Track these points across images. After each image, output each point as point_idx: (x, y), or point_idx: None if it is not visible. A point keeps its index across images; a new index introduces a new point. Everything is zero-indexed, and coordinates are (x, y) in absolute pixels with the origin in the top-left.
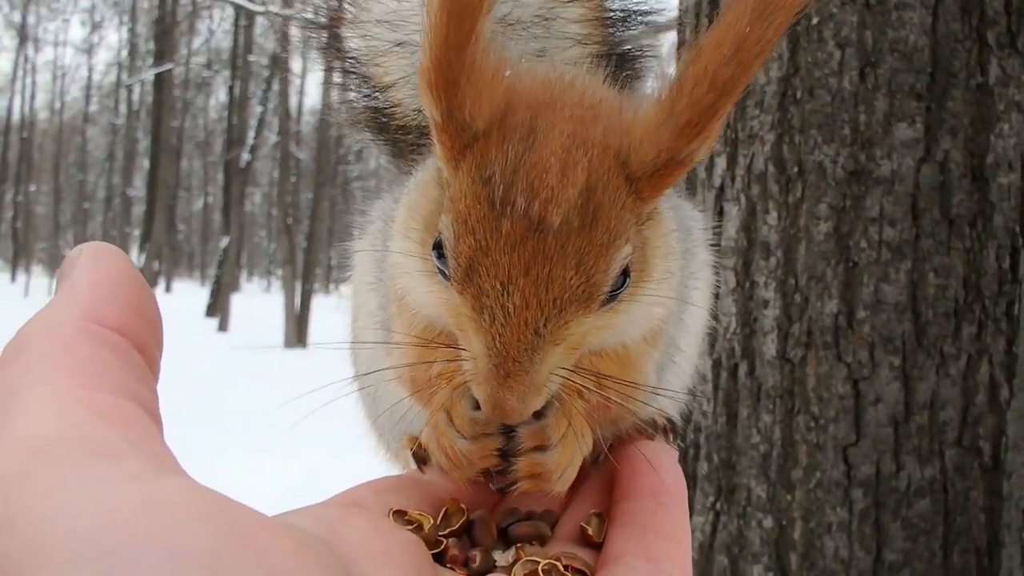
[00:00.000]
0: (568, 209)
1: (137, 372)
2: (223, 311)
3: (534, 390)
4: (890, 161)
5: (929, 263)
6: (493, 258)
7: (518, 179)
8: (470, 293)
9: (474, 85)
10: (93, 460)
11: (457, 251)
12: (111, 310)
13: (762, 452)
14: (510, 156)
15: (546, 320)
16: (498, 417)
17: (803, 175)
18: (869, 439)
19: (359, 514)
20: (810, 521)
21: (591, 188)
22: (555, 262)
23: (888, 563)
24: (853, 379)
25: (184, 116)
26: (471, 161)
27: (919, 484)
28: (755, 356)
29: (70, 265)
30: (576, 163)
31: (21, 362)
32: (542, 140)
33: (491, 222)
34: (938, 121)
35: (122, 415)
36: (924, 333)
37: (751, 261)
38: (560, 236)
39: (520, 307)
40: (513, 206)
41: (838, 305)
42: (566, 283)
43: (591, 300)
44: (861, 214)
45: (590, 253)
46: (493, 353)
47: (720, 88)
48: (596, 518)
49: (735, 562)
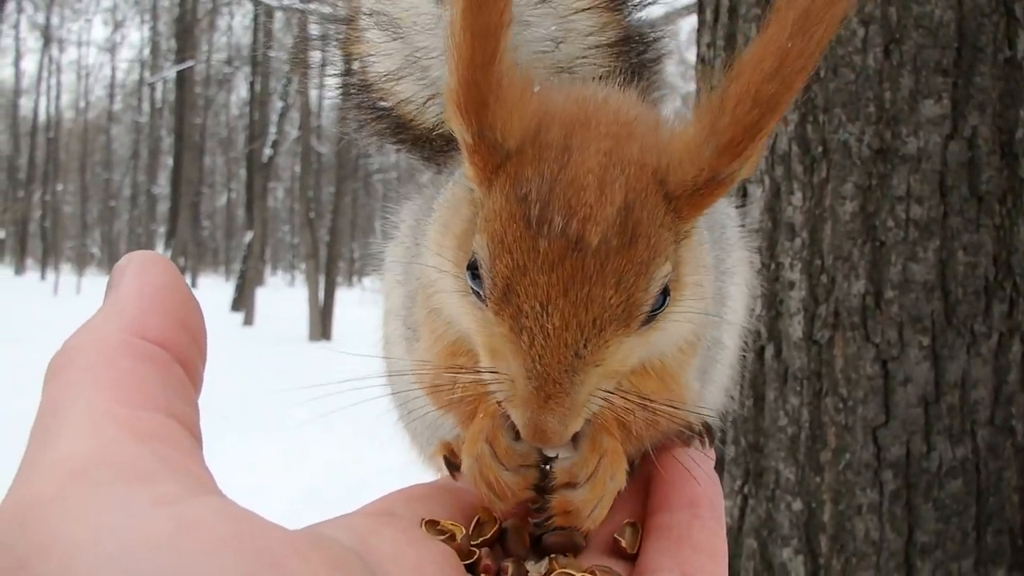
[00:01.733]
0: (607, 227)
1: (177, 387)
2: (248, 306)
3: (574, 412)
4: (916, 138)
5: (958, 241)
6: (531, 278)
7: (554, 197)
8: (508, 314)
9: (504, 103)
10: (127, 483)
11: (494, 271)
12: (154, 323)
13: (790, 435)
14: (545, 174)
15: (586, 341)
16: (538, 441)
17: (828, 155)
18: (899, 420)
19: (391, 524)
20: (840, 503)
21: (629, 206)
22: (594, 282)
23: (920, 544)
24: (882, 360)
25: (206, 113)
26: (504, 180)
27: (951, 465)
28: (781, 338)
29: (119, 275)
30: (613, 181)
31: (65, 376)
32: (578, 158)
33: (528, 241)
34: (965, 97)
35: (158, 433)
36: (954, 312)
37: (776, 242)
38: (599, 255)
39: (560, 328)
40: (550, 225)
41: (865, 285)
42: (606, 303)
43: (631, 319)
44: (888, 193)
45: (630, 272)
46: (533, 375)
47: (764, 105)
48: (630, 528)
49: (764, 545)
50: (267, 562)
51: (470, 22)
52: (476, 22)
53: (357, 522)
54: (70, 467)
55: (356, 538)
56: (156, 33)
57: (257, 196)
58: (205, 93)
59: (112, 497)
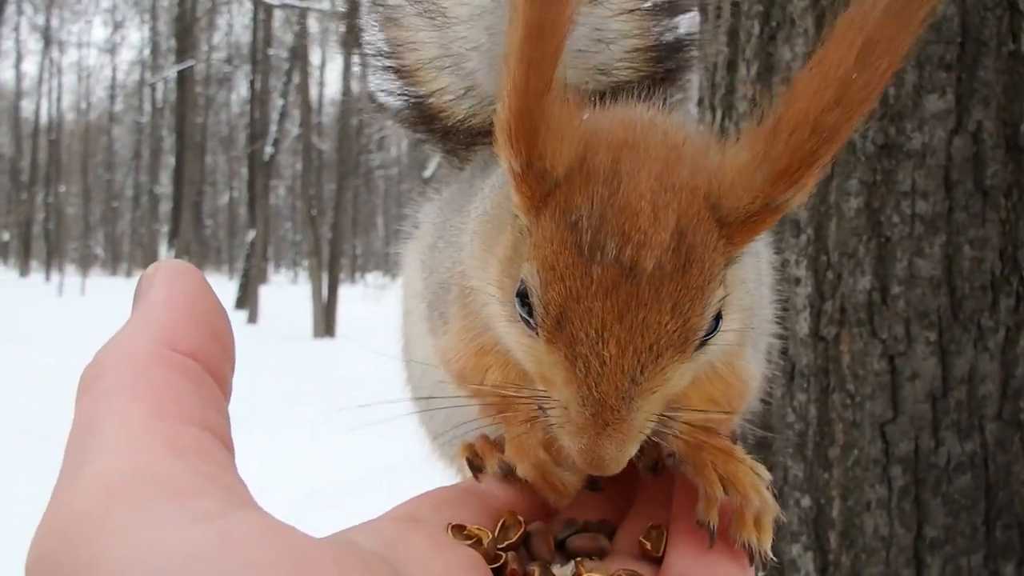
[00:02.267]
0: (660, 253)
1: (209, 398)
2: (252, 304)
3: (631, 438)
4: (921, 134)
5: (964, 236)
6: (585, 305)
7: (606, 223)
8: (562, 342)
9: (553, 131)
10: (167, 499)
11: (546, 299)
12: (184, 334)
13: (798, 431)
14: (596, 200)
15: (643, 367)
16: (595, 469)
17: None
18: (907, 415)
19: (418, 530)
20: (849, 499)
21: (682, 231)
22: (650, 307)
23: (929, 540)
24: (889, 355)
25: (207, 112)
26: (554, 207)
27: (959, 459)
28: (788, 335)
29: (147, 284)
30: (666, 206)
31: (97, 391)
32: (628, 183)
33: (580, 268)
34: (969, 91)
35: (195, 446)
36: (960, 307)
37: (781, 239)
38: (654, 280)
39: (616, 355)
40: (603, 251)
41: (871, 281)
42: (662, 328)
43: (687, 345)
44: (893, 188)
45: (685, 297)
46: (588, 403)
47: (822, 135)
48: (655, 531)
49: (774, 542)
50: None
51: (528, 52)
52: (534, 53)
53: (384, 528)
54: (110, 483)
55: (384, 544)
56: (156, 33)
57: (259, 194)
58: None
59: (153, 514)
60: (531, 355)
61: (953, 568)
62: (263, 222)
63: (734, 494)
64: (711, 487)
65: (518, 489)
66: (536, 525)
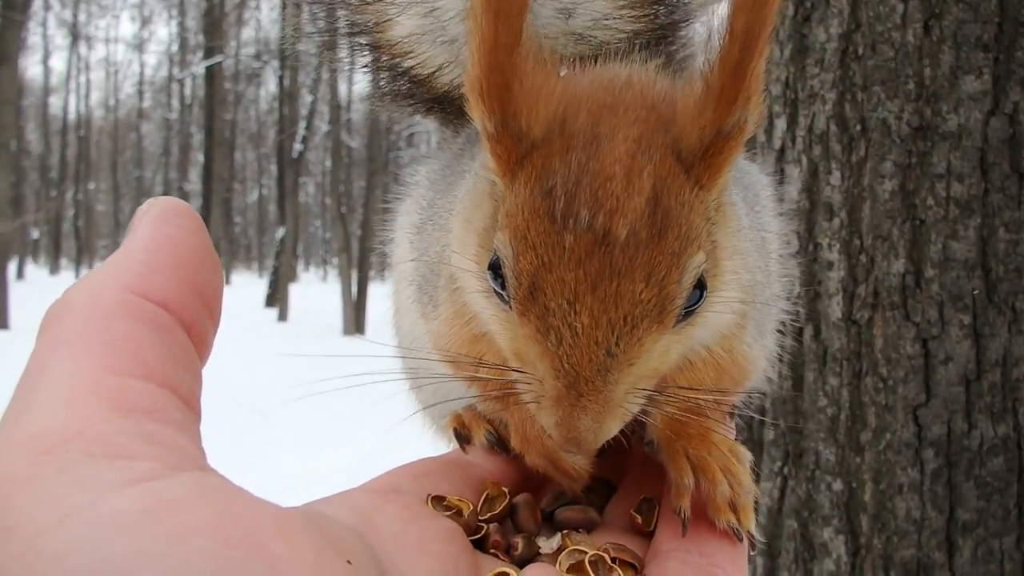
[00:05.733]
0: (634, 219)
1: (177, 353)
2: (282, 302)
3: (609, 411)
4: (957, 115)
5: (999, 218)
6: (557, 275)
7: (581, 190)
8: (534, 313)
9: (528, 90)
10: (101, 460)
11: (517, 269)
12: (161, 282)
13: (830, 415)
14: (572, 165)
15: (618, 338)
16: (571, 444)
17: (866, 133)
18: (940, 399)
19: (396, 500)
20: (881, 483)
21: (658, 195)
22: (624, 276)
23: (962, 522)
24: (922, 339)
25: (236, 108)
26: (529, 172)
27: (992, 442)
28: (820, 319)
29: (137, 222)
30: (642, 169)
31: (54, 335)
32: (606, 146)
33: (553, 237)
34: (1006, 72)
35: (145, 404)
36: (995, 290)
37: (814, 223)
38: (628, 249)
39: (589, 326)
40: (576, 218)
41: (905, 264)
42: (636, 298)
43: (665, 315)
44: (927, 171)
45: (661, 264)
46: (562, 375)
47: (740, 40)
48: (647, 504)
49: (805, 526)
50: (245, 544)
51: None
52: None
53: (360, 499)
54: (42, 441)
55: (357, 516)
56: (184, 28)
57: (288, 191)
58: (234, 88)
59: (82, 476)
60: (506, 329)
61: (985, 550)
62: (293, 219)
63: (703, 480)
64: (680, 475)
65: (505, 460)
66: (522, 497)
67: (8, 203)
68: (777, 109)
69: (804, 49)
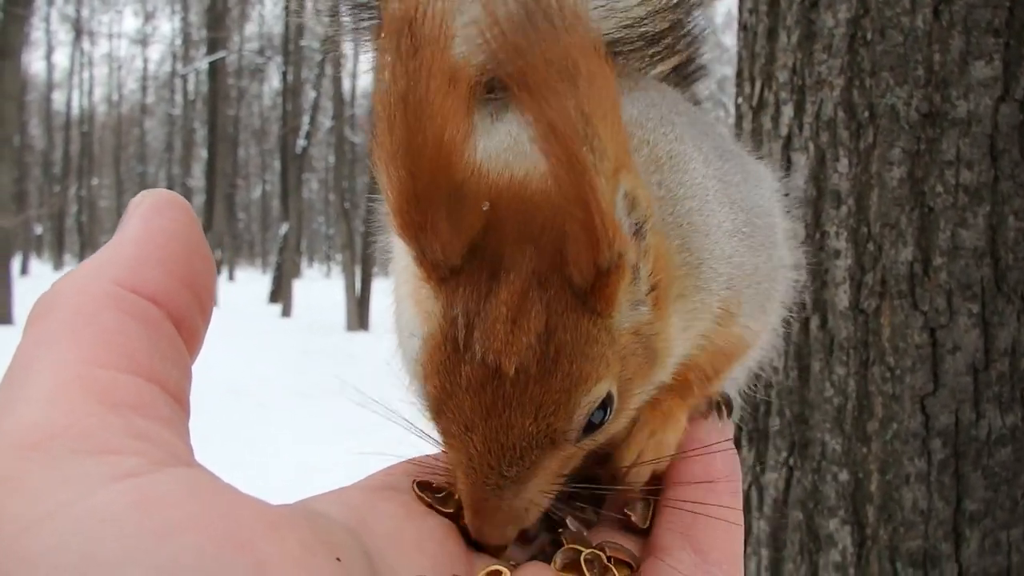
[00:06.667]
0: (523, 358)
1: (167, 348)
2: (286, 297)
3: (510, 521)
4: (967, 101)
5: (1008, 206)
6: (456, 401)
7: (477, 324)
8: (440, 430)
9: (445, 226)
10: (88, 456)
11: (427, 391)
12: (150, 276)
13: (836, 405)
14: (473, 299)
15: (509, 464)
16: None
17: (875, 120)
18: (948, 388)
19: (391, 498)
20: (887, 473)
21: (551, 331)
22: (513, 409)
23: (969, 513)
24: (930, 328)
25: (239, 104)
26: (445, 296)
27: (1000, 432)
28: (827, 308)
29: (128, 215)
30: (531, 308)
31: (41, 328)
32: (502, 283)
33: (454, 365)
34: (1017, 58)
35: (133, 399)
36: (1004, 278)
37: (821, 211)
38: (518, 384)
39: (482, 451)
40: (472, 352)
41: (913, 252)
42: (524, 430)
43: (556, 443)
44: (936, 158)
45: (549, 401)
46: (464, 488)
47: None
48: (642, 503)
49: (811, 517)
50: (232, 542)
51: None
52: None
53: (354, 496)
54: (27, 436)
55: (351, 513)
56: (187, 24)
57: (292, 188)
58: (238, 84)
59: (68, 471)
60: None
61: (992, 542)
62: (296, 216)
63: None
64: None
65: None
66: None
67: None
68: (784, 96)
69: (812, 35)
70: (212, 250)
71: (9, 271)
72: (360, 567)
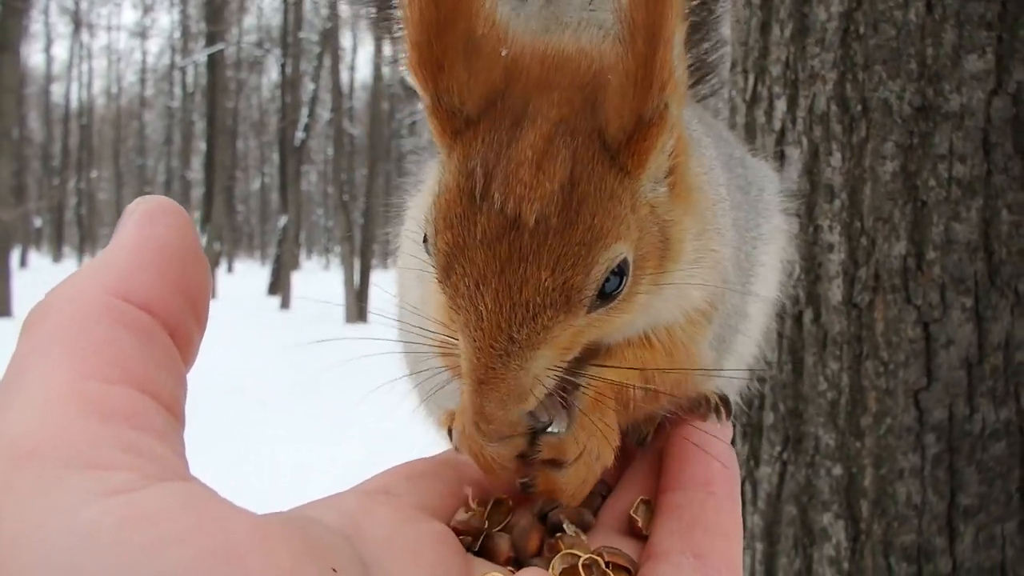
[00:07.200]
0: (544, 206)
1: (161, 358)
2: (284, 289)
3: (514, 396)
4: (959, 95)
5: (1002, 199)
6: (469, 255)
7: (497, 173)
8: (448, 291)
9: (463, 69)
10: (78, 469)
11: (437, 246)
12: (143, 284)
13: (830, 400)
14: (493, 147)
15: (520, 325)
16: (483, 423)
17: (867, 113)
18: (941, 383)
19: (386, 503)
20: (881, 468)
21: (575, 181)
22: (530, 262)
23: (963, 508)
24: (923, 322)
25: (238, 97)
26: (460, 149)
27: (994, 427)
28: (820, 302)
29: (122, 222)
30: (557, 154)
31: (34, 338)
32: (527, 129)
33: (469, 217)
34: (1010, 51)
35: (125, 411)
36: (997, 272)
37: (814, 205)
38: (537, 235)
39: (493, 310)
40: (491, 201)
41: (907, 246)
42: (540, 286)
43: (571, 304)
44: (929, 151)
45: (568, 254)
46: (471, 356)
47: (643, 34)
48: (644, 506)
49: (804, 511)
50: (223, 556)
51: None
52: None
53: (349, 502)
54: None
55: (346, 520)
56: (186, 16)
57: (291, 180)
58: (236, 76)
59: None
60: (439, 299)
61: (986, 536)
62: (295, 208)
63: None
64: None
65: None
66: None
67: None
68: (777, 90)
69: (804, 29)
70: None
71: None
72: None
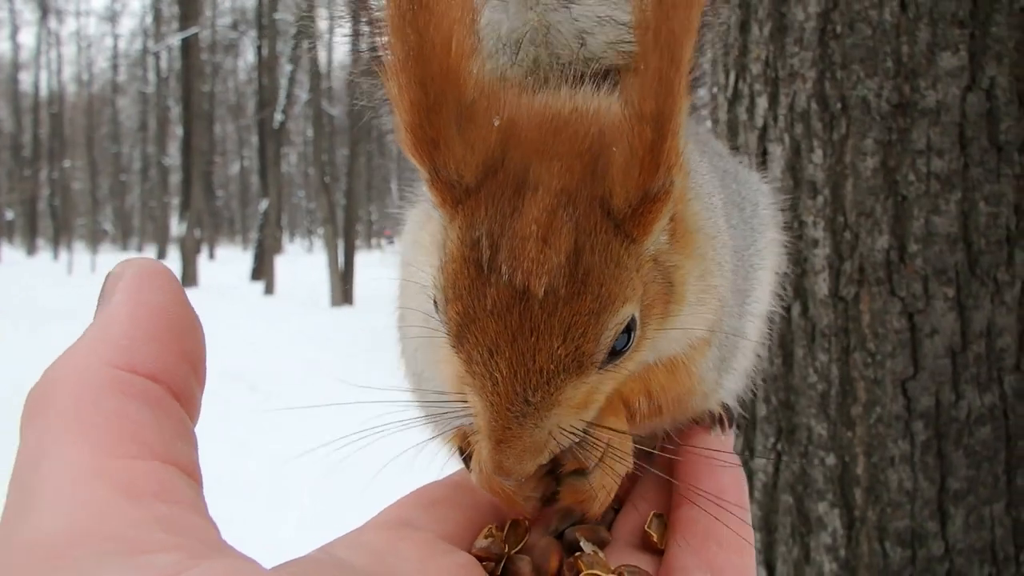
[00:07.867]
0: (552, 278)
1: (174, 425)
2: (268, 274)
3: (532, 452)
4: (935, 91)
5: (979, 192)
6: (480, 325)
7: (503, 244)
8: (462, 357)
9: (459, 142)
10: (120, 557)
11: (448, 316)
12: (146, 353)
13: (820, 391)
14: (497, 218)
15: (534, 389)
16: (501, 475)
17: (847, 111)
18: (927, 371)
19: (409, 537)
20: (873, 456)
21: (579, 251)
22: (541, 332)
23: (953, 491)
24: (908, 313)
25: (214, 80)
26: (464, 217)
27: (979, 412)
28: (808, 296)
29: (111, 287)
30: (562, 227)
31: (43, 423)
32: (529, 201)
33: (478, 288)
34: (982, 48)
35: (154, 487)
36: (977, 262)
37: (798, 201)
38: (546, 306)
39: (508, 376)
40: (499, 273)
41: (889, 240)
42: (553, 354)
43: (583, 368)
44: (908, 147)
45: (578, 323)
46: (488, 417)
47: (651, 124)
48: (658, 520)
49: (800, 500)
50: None
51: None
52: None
53: (372, 539)
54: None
55: (373, 558)
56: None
57: (271, 163)
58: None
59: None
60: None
61: (976, 518)
62: (276, 191)
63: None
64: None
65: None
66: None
67: None
68: (758, 88)
69: (783, 28)
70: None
71: None
72: None
